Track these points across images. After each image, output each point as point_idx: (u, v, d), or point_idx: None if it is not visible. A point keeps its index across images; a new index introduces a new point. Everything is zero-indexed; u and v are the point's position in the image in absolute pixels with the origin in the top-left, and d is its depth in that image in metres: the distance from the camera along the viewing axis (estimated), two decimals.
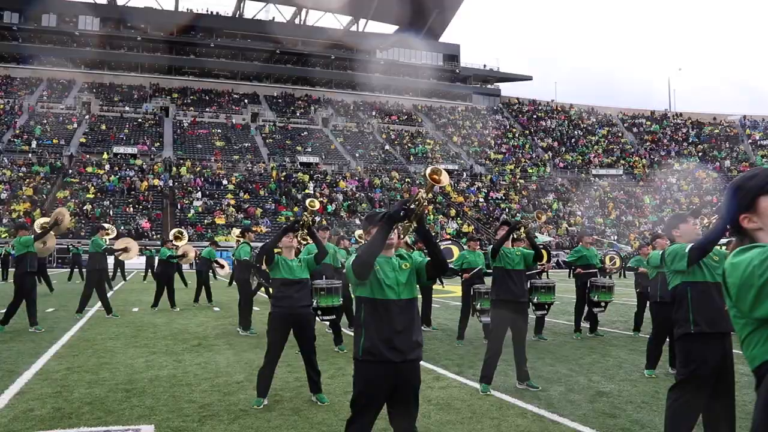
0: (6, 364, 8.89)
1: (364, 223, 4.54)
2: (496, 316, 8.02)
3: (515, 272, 8.03)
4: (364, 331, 4.12)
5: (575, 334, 12.49)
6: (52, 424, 6.02)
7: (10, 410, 6.47)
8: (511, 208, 58.39)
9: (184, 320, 14.43)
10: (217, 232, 45.25)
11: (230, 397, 7.17)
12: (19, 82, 73.51)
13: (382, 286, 4.10)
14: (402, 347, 4.07)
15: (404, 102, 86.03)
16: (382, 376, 4.05)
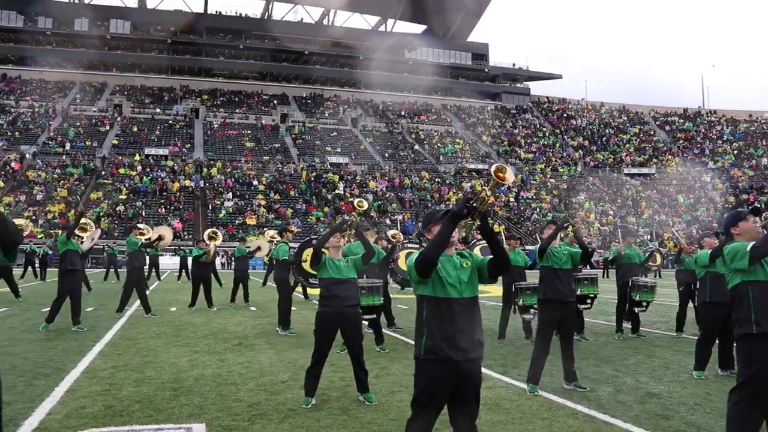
0: (53, 362, 8.95)
1: (424, 221, 4.45)
2: (543, 316, 7.89)
3: (563, 271, 7.88)
4: (426, 329, 4.06)
5: (617, 334, 12.23)
6: (105, 421, 6.03)
7: (63, 407, 6.50)
8: (542, 207, 58.01)
9: (222, 320, 14.42)
10: (248, 233, 45.46)
11: (277, 396, 7.11)
12: (52, 86, 74.60)
13: (444, 284, 4.04)
14: (464, 346, 4.00)
15: (433, 102, 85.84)
16: (444, 375, 3.99)
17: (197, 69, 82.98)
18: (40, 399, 6.82)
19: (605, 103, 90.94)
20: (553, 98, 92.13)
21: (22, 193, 49.58)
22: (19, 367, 8.64)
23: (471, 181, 62.14)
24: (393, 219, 51.10)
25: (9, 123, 63.10)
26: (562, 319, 7.77)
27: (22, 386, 7.44)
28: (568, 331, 7.87)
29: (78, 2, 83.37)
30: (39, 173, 52.98)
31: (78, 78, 77.96)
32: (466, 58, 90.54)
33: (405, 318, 14.30)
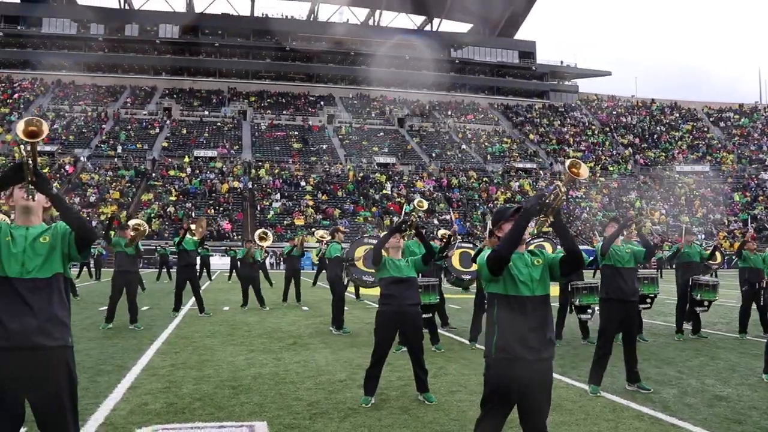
0: (114, 360, 9.14)
1: (494, 218, 4.38)
2: (605, 315, 7.73)
3: (625, 270, 7.73)
4: (497, 328, 4.01)
5: (677, 335, 11.94)
6: (168, 418, 6.11)
7: (126, 404, 6.61)
8: (592, 206, 57.22)
9: (275, 319, 14.50)
10: (296, 233, 45.69)
11: (336, 395, 7.11)
12: (104, 90, 76.02)
13: (516, 282, 3.98)
14: (536, 344, 3.95)
15: (480, 101, 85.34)
16: (516, 375, 3.92)
17: (244, 71, 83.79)
18: (104, 395, 6.95)
19: (656, 100, 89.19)
20: (602, 96, 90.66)
21: (76, 195, 50.61)
22: (82, 364, 8.75)
23: (519, 180, 61.57)
24: (441, 218, 50.94)
25: (63, 127, 64.51)
26: (624, 319, 7.62)
27: (85, 382, 7.55)
28: (630, 331, 7.73)
29: (128, 9, 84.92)
30: (92, 176, 54.06)
31: (129, 82, 79.51)
32: (513, 56, 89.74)
33: (458, 318, 14.21)
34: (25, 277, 3.57)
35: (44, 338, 3.52)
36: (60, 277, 3.71)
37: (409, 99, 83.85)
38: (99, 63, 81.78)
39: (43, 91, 73.78)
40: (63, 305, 3.67)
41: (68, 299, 3.84)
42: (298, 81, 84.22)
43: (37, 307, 3.54)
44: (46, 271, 3.64)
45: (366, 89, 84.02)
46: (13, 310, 3.50)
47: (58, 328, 3.60)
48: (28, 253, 3.61)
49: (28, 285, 3.56)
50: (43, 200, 3.76)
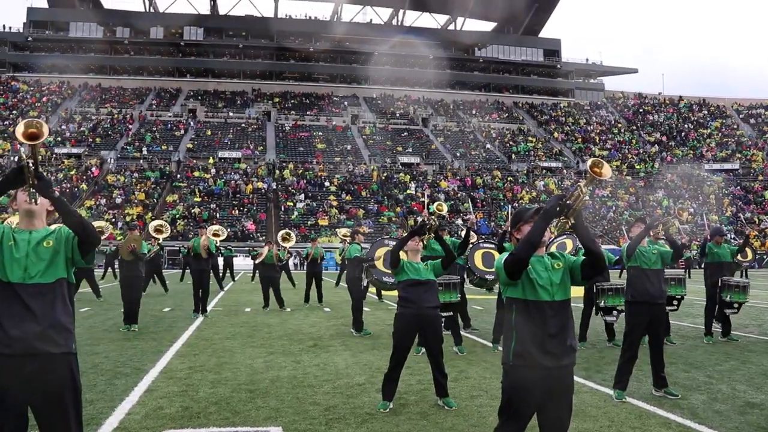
0: (132, 362, 9.09)
1: (513, 219, 4.23)
2: (631, 318, 7.52)
3: (652, 272, 7.51)
4: (515, 333, 3.85)
5: (706, 338, 11.60)
6: (182, 423, 6.03)
7: (142, 407, 6.56)
8: (618, 206, 56.58)
9: (296, 321, 14.42)
10: (320, 233, 45.71)
11: (354, 399, 6.99)
12: (130, 93, 76.76)
13: (535, 286, 3.83)
14: (556, 351, 3.79)
15: (504, 99, 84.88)
16: (535, 382, 3.77)
17: (268, 72, 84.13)
18: (120, 398, 6.90)
19: (684, 97, 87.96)
20: (629, 93, 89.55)
21: (102, 196, 51.03)
22: (100, 366, 8.75)
23: (544, 179, 61.08)
24: (465, 218, 50.67)
25: (90, 129, 65.11)
26: (650, 322, 7.39)
27: (103, 385, 7.53)
28: (657, 334, 7.49)
29: (153, 11, 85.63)
30: (118, 177, 54.47)
31: (154, 84, 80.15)
32: (538, 54, 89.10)
33: (481, 319, 14.03)
34: (27, 282, 3.51)
35: (47, 345, 3.47)
36: (63, 282, 3.64)
37: (433, 98, 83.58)
38: (124, 66, 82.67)
39: (70, 94, 74.55)
40: (66, 311, 3.62)
41: (72, 305, 3.76)
42: (321, 81, 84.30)
43: (39, 313, 3.48)
44: (50, 276, 3.57)
45: (390, 89, 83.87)
46: (16, 316, 3.44)
47: (61, 335, 3.54)
48: (31, 257, 3.55)
49: (31, 290, 3.50)
50: (46, 204, 3.69)
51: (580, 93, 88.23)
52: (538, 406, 3.82)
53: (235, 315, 15.34)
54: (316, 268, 18.54)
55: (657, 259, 7.57)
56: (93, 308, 16.58)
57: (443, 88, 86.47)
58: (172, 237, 43.27)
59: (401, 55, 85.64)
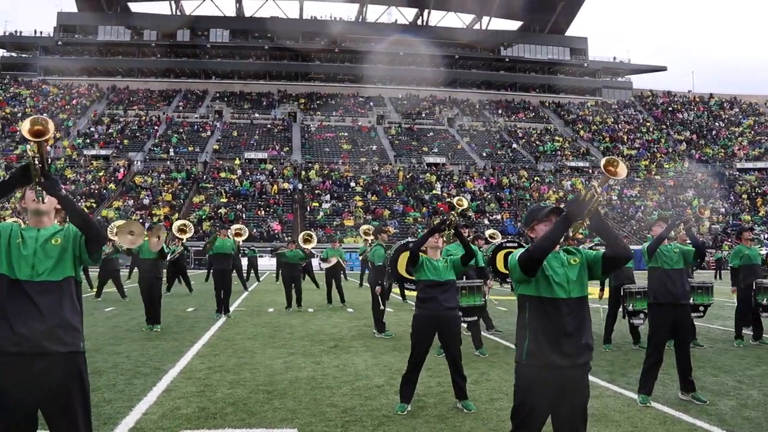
0: (153, 362, 9.10)
1: (526, 218, 4.11)
2: (654, 321, 7.32)
3: (674, 272, 7.30)
4: (529, 332, 3.75)
5: (736, 341, 11.26)
6: (198, 423, 6.01)
7: (159, 407, 6.54)
8: (647, 205, 55.87)
9: (319, 321, 14.36)
10: (345, 234, 45.72)
11: (372, 401, 6.90)
12: (157, 95, 77.50)
13: (551, 283, 3.72)
14: (571, 350, 3.68)
15: (531, 99, 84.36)
16: (548, 382, 3.65)
17: (294, 73, 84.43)
18: (138, 398, 6.88)
19: (714, 95, 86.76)
20: (657, 91, 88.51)
21: (130, 197, 51.49)
22: (121, 365, 8.76)
23: (571, 179, 60.56)
24: (492, 219, 50.42)
25: (118, 131, 65.77)
26: (674, 324, 7.18)
27: (122, 385, 7.53)
28: (683, 337, 7.28)
29: (180, 14, 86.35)
30: (145, 178, 54.93)
31: (181, 86, 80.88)
32: (564, 53, 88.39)
33: (504, 320, 13.87)
34: (35, 280, 3.48)
35: (55, 344, 3.44)
36: (71, 281, 3.62)
37: (459, 98, 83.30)
38: (152, 68, 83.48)
39: (99, 97, 75.37)
40: (74, 309, 3.58)
41: (80, 303, 3.73)
42: (347, 82, 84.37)
43: (47, 311, 3.45)
44: (57, 274, 3.54)
45: (415, 89, 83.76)
46: (23, 314, 3.41)
47: (69, 334, 3.51)
48: (38, 255, 3.52)
49: (39, 288, 3.47)
50: (54, 202, 3.66)
51: (608, 92, 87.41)
52: (552, 409, 3.71)
53: (257, 315, 15.33)
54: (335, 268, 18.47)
55: (679, 258, 7.38)
56: (117, 308, 16.67)
57: (469, 88, 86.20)
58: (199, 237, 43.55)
59: (426, 55, 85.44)
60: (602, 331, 11.26)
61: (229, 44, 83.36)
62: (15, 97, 71.85)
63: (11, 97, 71.71)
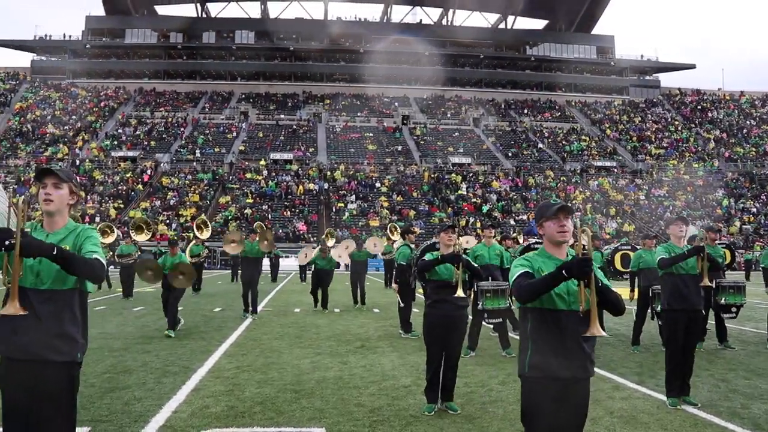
0: (182, 361, 9.14)
1: (536, 214, 4.03)
2: (669, 326, 7.19)
3: (689, 277, 7.16)
4: (531, 343, 3.74)
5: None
6: (227, 422, 6.02)
7: (188, 406, 6.57)
8: (675, 205, 55.21)
9: (345, 321, 14.34)
10: (371, 234, 45.71)
11: (399, 401, 6.88)
12: (184, 96, 78.14)
13: (551, 295, 3.66)
14: (573, 363, 3.66)
15: (557, 98, 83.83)
16: (551, 394, 3.64)
17: (319, 74, 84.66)
18: (167, 397, 6.91)
19: (745, 92, 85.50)
20: (686, 90, 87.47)
21: (157, 198, 51.92)
22: (150, 364, 8.80)
23: (598, 179, 60.04)
24: (517, 219, 50.16)
25: (145, 133, 66.40)
26: (687, 327, 7.06)
27: (152, 383, 7.56)
28: (691, 341, 7.17)
29: (205, 17, 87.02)
30: (172, 179, 55.35)
31: (207, 88, 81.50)
32: (591, 51, 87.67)
33: None
34: (39, 288, 3.49)
35: (51, 353, 3.48)
36: (76, 292, 3.62)
37: (485, 98, 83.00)
38: (178, 70, 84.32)
39: (126, 99, 76.18)
40: (74, 321, 3.60)
41: (84, 314, 3.71)
42: (372, 83, 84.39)
43: (47, 320, 3.48)
44: (62, 284, 3.54)
45: (440, 89, 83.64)
46: (25, 322, 3.43)
47: (67, 344, 3.54)
48: (44, 263, 3.48)
49: (42, 297, 3.49)
50: (65, 200, 3.66)
51: (635, 90, 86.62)
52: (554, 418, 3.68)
53: (284, 315, 15.35)
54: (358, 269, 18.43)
55: (694, 263, 7.22)
56: (146, 308, 16.78)
57: (494, 88, 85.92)
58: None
59: (451, 55, 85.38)
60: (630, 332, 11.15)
61: (255, 46, 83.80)
62: (45, 99, 72.86)
63: (41, 99, 72.71)
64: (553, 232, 3.81)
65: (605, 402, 6.90)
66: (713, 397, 7.22)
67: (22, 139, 62.85)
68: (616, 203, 55.24)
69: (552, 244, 3.85)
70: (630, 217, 52.74)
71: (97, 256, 3.56)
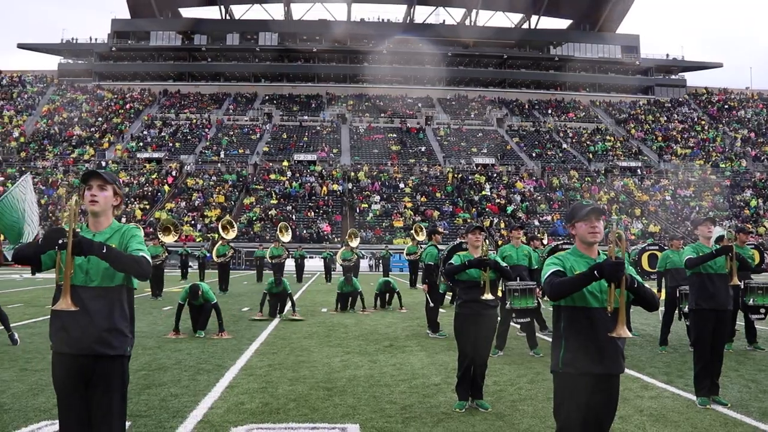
0: (214, 359, 9.30)
1: (568, 215, 4.15)
2: (698, 326, 7.22)
3: (718, 276, 7.19)
4: (564, 341, 3.87)
5: None
6: (263, 418, 6.16)
7: (224, 402, 6.71)
8: (702, 206, 54.68)
9: (372, 321, 14.46)
10: (395, 235, 45.84)
11: (430, 399, 7.01)
12: (208, 98, 78.77)
13: (584, 293, 3.78)
14: (605, 359, 3.78)
15: (581, 98, 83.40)
16: (583, 389, 3.78)
17: (342, 75, 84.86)
18: (202, 393, 7.06)
19: None
20: (713, 89, 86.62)
21: (182, 199, 52.36)
22: (183, 362, 8.96)
23: (623, 179, 59.61)
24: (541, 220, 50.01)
25: (170, 134, 67.02)
26: (715, 328, 7.10)
27: (186, 381, 7.71)
28: (719, 341, 7.20)
29: (229, 19, 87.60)
30: (197, 181, 55.81)
31: (231, 89, 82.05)
32: (615, 51, 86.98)
33: None
34: (89, 286, 3.65)
35: (103, 347, 3.65)
36: (123, 288, 3.78)
37: (508, 98, 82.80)
38: (202, 72, 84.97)
39: (151, 101, 76.92)
40: (124, 316, 3.76)
41: (131, 309, 3.88)
42: (395, 84, 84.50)
43: (98, 316, 3.64)
44: (110, 281, 3.70)
45: (464, 90, 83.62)
46: (77, 318, 3.58)
47: (117, 338, 3.70)
48: (92, 261, 3.66)
49: (92, 293, 3.65)
50: (109, 201, 3.84)
51: (660, 90, 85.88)
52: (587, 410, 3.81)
53: (311, 315, 15.50)
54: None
55: (723, 262, 7.23)
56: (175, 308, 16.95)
57: (518, 88, 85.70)
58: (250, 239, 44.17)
59: (474, 55, 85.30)
60: (658, 333, 11.16)
61: (278, 47, 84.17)
62: (72, 102, 73.77)
63: (68, 102, 73.64)
64: (584, 233, 3.93)
65: (634, 401, 6.96)
66: (743, 397, 7.24)
67: (49, 141, 63.76)
68: (641, 204, 54.86)
69: (583, 244, 3.97)
70: (655, 218, 52.33)
71: (143, 254, 3.73)
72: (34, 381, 7.59)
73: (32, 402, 6.58)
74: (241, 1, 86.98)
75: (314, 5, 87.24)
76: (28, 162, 58.53)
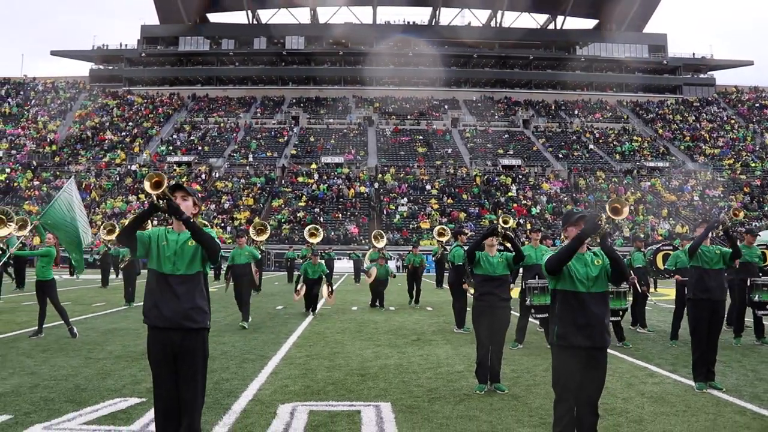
0: (257, 350, 10.19)
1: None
2: (694, 316, 8.08)
3: (713, 271, 8.11)
4: (558, 319, 4.82)
5: None
6: (306, 397, 7.02)
7: (270, 385, 7.59)
8: (731, 206, 54.35)
9: (400, 318, 15.27)
10: (422, 236, 46.49)
11: (453, 383, 7.85)
12: (236, 102, 79.99)
13: (574, 280, 4.77)
14: (591, 335, 4.70)
15: (608, 98, 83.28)
16: (575, 360, 4.69)
17: (368, 78, 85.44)
18: (250, 378, 7.92)
19: None
20: (743, 87, 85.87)
21: (212, 202, 53.43)
22: (229, 353, 9.80)
23: (651, 180, 59.52)
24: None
25: (199, 138, 68.25)
26: (711, 318, 7.94)
27: (234, 368, 8.56)
28: (715, 330, 7.99)
29: (256, 23, 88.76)
30: (226, 183, 56.89)
31: (258, 93, 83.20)
32: (643, 50, 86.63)
33: None
34: (176, 274, 4.63)
35: (189, 322, 4.59)
36: (200, 274, 4.76)
37: (534, 99, 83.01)
38: (230, 76, 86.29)
39: (180, 105, 78.32)
40: (203, 296, 4.73)
41: (207, 290, 5.00)
42: (421, 86, 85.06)
43: (184, 297, 4.60)
44: (191, 269, 4.68)
45: (489, 91, 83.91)
46: (168, 299, 4.58)
47: (199, 314, 4.65)
48: (178, 254, 4.67)
49: (178, 280, 4.62)
50: (190, 209, 4.77)
51: (689, 89, 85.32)
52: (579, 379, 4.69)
53: (343, 313, 16.32)
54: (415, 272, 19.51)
55: (718, 259, 8.16)
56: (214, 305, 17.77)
57: (544, 89, 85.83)
58: (280, 240, 45.11)
59: (500, 57, 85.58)
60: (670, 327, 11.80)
61: (305, 51, 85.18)
62: (103, 107, 75.49)
63: (99, 107, 75.31)
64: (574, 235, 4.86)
65: (638, 386, 7.72)
66: (739, 383, 7.94)
67: (82, 146, 65.36)
68: (668, 204, 54.86)
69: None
70: (683, 219, 52.25)
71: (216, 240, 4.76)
72: (100, 367, 8.56)
73: (102, 383, 7.52)
74: (268, 6, 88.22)
75: (340, 9, 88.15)
76: (62, 166, 60.11)
